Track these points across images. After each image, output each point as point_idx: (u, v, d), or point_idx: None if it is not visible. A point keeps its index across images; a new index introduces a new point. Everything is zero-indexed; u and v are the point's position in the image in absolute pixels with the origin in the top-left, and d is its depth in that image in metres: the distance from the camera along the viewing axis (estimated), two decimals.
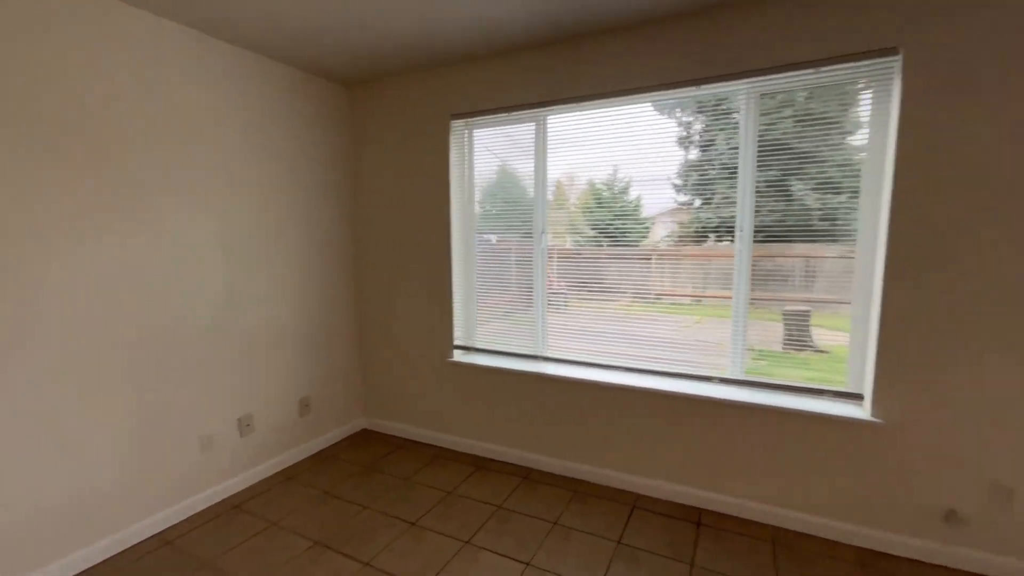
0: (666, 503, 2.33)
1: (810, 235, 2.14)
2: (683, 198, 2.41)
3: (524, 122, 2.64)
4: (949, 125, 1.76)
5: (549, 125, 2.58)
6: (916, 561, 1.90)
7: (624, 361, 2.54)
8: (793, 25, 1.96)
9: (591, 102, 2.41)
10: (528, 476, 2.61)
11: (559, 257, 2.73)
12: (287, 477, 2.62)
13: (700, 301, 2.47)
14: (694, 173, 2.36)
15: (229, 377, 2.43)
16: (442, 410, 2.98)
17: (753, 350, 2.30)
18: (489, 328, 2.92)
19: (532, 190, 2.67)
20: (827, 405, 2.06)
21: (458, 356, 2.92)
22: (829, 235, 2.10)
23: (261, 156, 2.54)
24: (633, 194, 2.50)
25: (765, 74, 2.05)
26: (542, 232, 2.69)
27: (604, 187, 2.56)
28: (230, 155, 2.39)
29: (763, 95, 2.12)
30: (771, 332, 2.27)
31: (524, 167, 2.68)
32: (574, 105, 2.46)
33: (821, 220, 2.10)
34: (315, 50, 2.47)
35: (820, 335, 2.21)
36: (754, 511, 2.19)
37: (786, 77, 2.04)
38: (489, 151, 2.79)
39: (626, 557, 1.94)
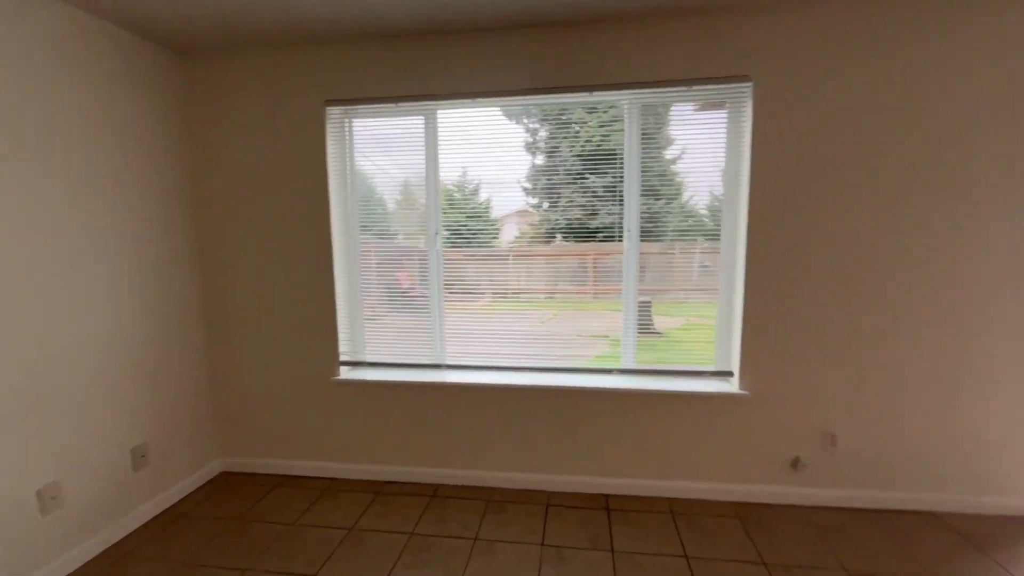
0: (575, 495, 2.41)
1: (642, 235, 2.39)
2: (533, 200, 2.53)
3: (411, 115, 2.45)
4: (790, 139, 2.13)
5: (440, 121, 2.44)
6: (775, 504, 2.29)
7: (514, 361, 2.55)
8: (671, 50, 2.17)
9: (459, 100, 2.36)
10: (436, 493, 2.45)
11: (420, 259, 2.58)
12: (122, 555, 2.01)
13: (553, 296, 2.60)
14: (542, 177, 2.48)
15: (13, 436, 1.75)
16: (329, 436, 2.62)
17: (607, 337, 2.53)
18: (380, 339, 2.65)
19: (422, 189, 2.50)
20: (706, 384, 2.35)
21: (346, 373, 2.60)
22: (653, 235, 2.39)
23: (71, 134, 1.89)
24: (483, 196, 2.55)
25: (647, 87, 2.23)
26: (436, 233, 2.54)
27: (455, 188, 2.55)
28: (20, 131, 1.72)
29: (593, 109, 2.32)
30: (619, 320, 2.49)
31: (412, 163, 2.49)
32: (460, 101, 2.37)
33: (647, 222, 2.38)
34: (145, 7, 1.92)
35: (659, 321, 2.49)
36: (652, 488, 2.39)
37: (664, 91, 2.25)
38: (375, 144, 2.52)
39: (553, 558, 1.94)
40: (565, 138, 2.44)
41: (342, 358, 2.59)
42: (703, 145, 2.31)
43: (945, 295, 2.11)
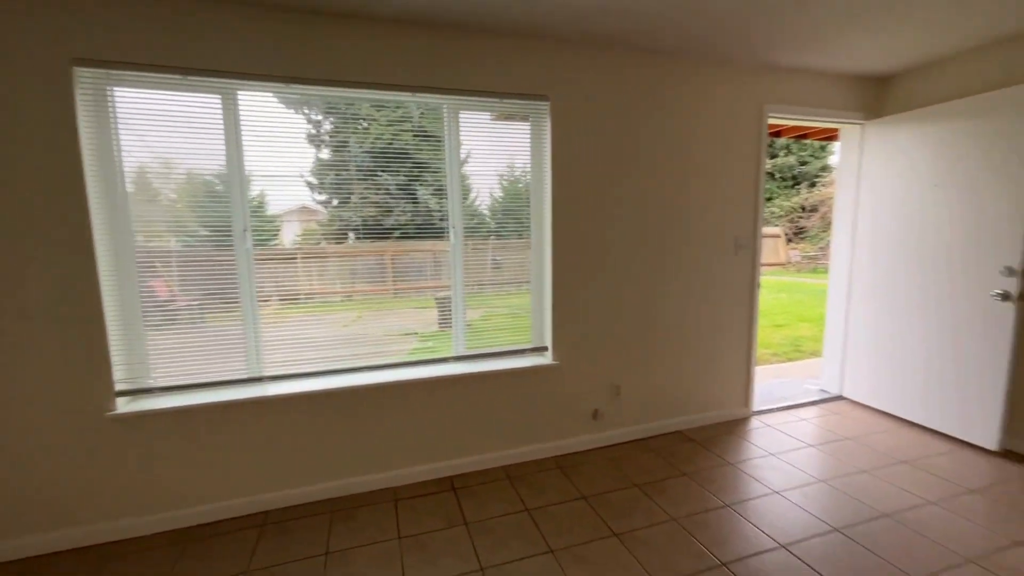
0: (423, 484, 2.48)
1: (433, 232, 2.53)
2: (321, 197, 2.46)
3: (198, 91, 2.09)
4: (581, 151, 2.63)
5: (241, 104, 2.15)
6: (584, 451, 2.81)
7: (334, 364, 2.45)
8: (488, 63, 2.42)
9: (269, 83, 2.17)
10: (268, 521, 2.19)
11: (179, 263, 2.19)
12: None
13: (351, 297, 2.54)
14: (330, 173, 2.43)
15: None
16: (102, 488, 2.05)
17: (417, 333, 2.66)
18: (173, 358, 2.20)
19: (220, 180, 2.18)
20: (527, 360, 2.71)
21: (125, 406, 2.08)
22: (434, 232, 2.53)
23: None
24: (255, 190, 2.26)
25: (465, 95, 2.43)
26: (244, 230, 2.24)
27: (215, 179, 2.18)
28: None
29: (382, 107, 2.45)
30: (425, 316, 2.68)
31: (202, 149, 2.14)
32: (270, 84, 2.16)
33: (441, 221, 2.52)
34: None
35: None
36: (489, 460, 2.64)
37: (480, 100, 2.48)
38: (155, 122, 2.06)
39: (413, 547, 1.99)
40: (354, 133, 2.41)
41: (118, 387, 2.06)
42: (499, 150, 2.61)
43: (677, 278, 2.93)
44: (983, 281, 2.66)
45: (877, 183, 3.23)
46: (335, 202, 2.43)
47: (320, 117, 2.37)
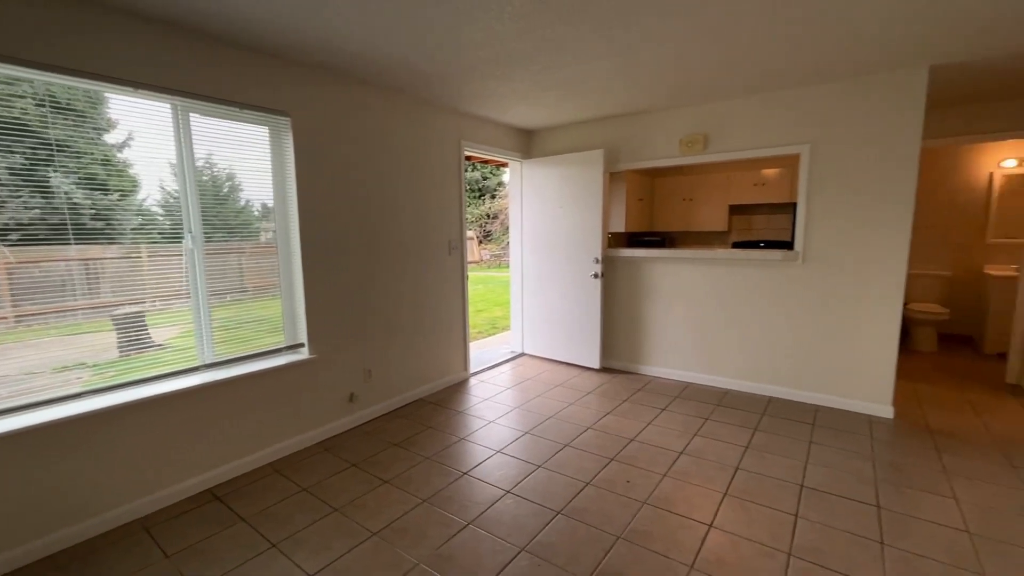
0: (179, 503, 2.34)
1: (84, 235, 2.08)
2: None
3: None
4: (319, 167, 2.94)
5: None
6: (346, 431, 3.15)
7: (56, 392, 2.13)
8: (225, 71, 2.45)
9: None
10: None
11: None
12: None
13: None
14: None
15: None
16: None
17: (85, 365, 2.16)
18: None
19: None
20: (284, 358, 2.86)
21: None
22: (104, 235, 2.14)
23: None
24: None
25: (195, 99, 2.40)
26: None
27: None
28: None
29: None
30: (100, 341, 2.20)
31: None
32: None
33: (93, 220, 2.10)
34: None
35: (159, 333, 2.40)
36: (255, 460, 2.68)
37: (213, 106, 2.49)
38: None
39: (190, 557, 1.97)
40: None
41: None
42: (237, 157, 2.72)
43: (409, 275, 3.61)
44: (586, 267, 4.38)
45: (532, 202, 4.73)
46: None
47: None
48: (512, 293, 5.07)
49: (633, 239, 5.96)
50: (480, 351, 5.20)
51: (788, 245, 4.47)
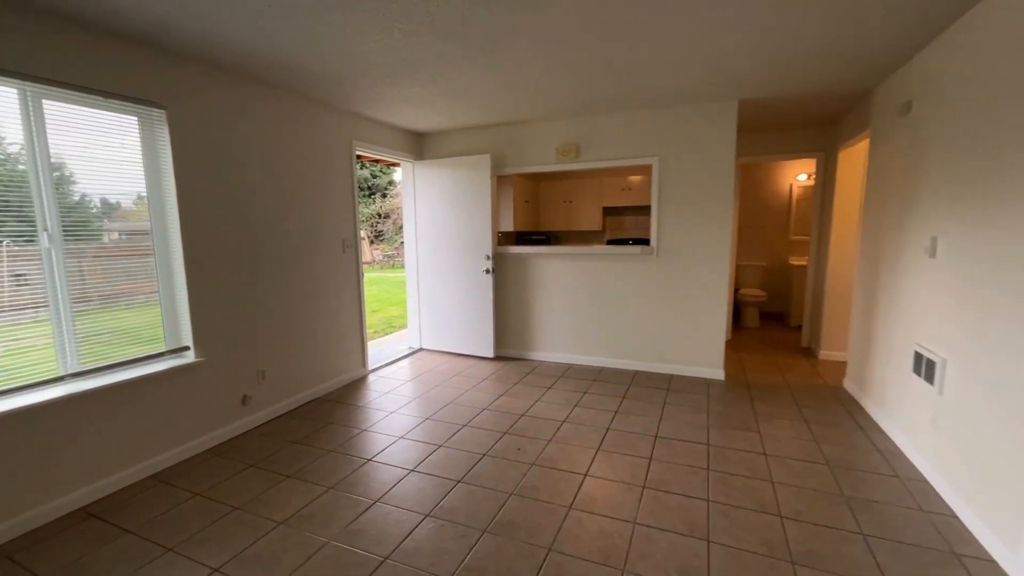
0: (52, 523, 2.14)
1: None
2: None
3: None
4: (203, 162, 2.83)
5: None
6: (240, 435, 3.07)
7: None
8: (96, 63, 2.28)
9: None
10: None
11: None
12: None
13: None
14: None
15: None
16: None
17: None
18: None
19: None
20: (167, 363, 2.71)
21: None
22: None
23: None
24: None
25: (49, 84, 2.22)
26: None
27: None
28: None
29: None
30: None
31: None
32: None
33: None
34: None
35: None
36: (136, 472, 2.52)
37: (72, 92, 2.31)
38: None
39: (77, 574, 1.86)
40: None
41: None
42: (103, 150, 2.55)
43: (303, 273, 3.59)
44: (479, 264, 4.69)
45: (425, 202, 4.92)
46: None
47: None
48: (408, 291, 5.21)
49: (521, 237, 6.44)
50: (379, 349, 5.25)
51: (648, 242, 5.25)
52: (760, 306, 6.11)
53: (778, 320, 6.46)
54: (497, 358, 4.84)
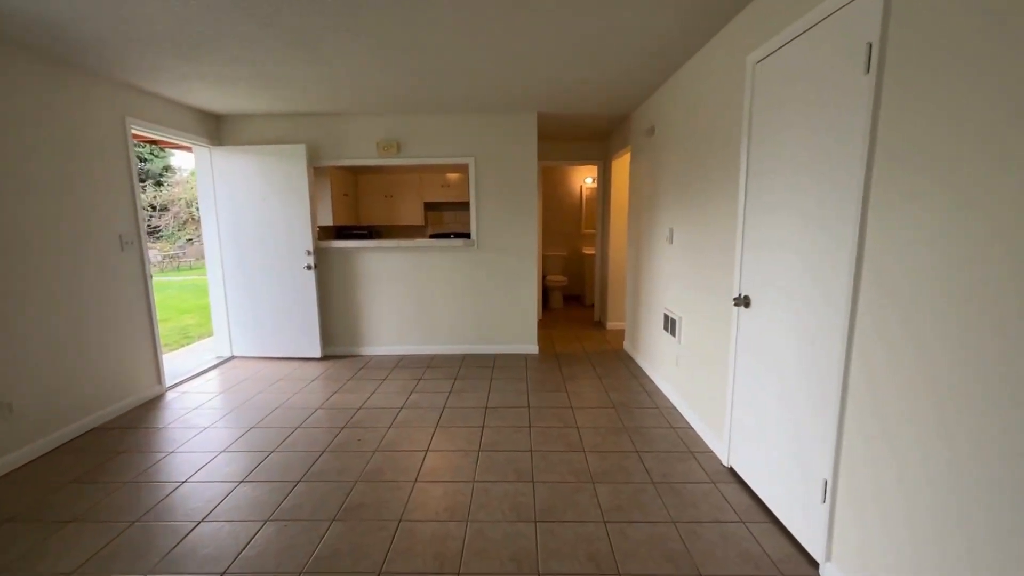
0: None
1: None
2: None
3: None
4: None
5: None
6: None
7: None
8: None
9: None
10: None
11: None
12: None
13: None
14: None
15: None
16: None
17: None
18: None
19: None
20: None
21: None
22: None
23: None
24: None
25: None
26: None
27: None
28: None
29: None
30: None
31: None
32: None
33: None
34: None
35: None
36: None
37: None
38: None
39: None
40: None
41: None
42: None
43: (68, 278, 2.91)
44: (298, 260, 4.43)
45: (229, 193, 4.39)
46: None
47: None
48: (212, 294, 4.59)
49: (342, 232, 6.22)
50: (178, 362, 4.51)
51: (469, 235, 5.68)
52: (563, 290, 7.16)
53: (577, 301, 7.67)
54: (326, 357, 4.66)
